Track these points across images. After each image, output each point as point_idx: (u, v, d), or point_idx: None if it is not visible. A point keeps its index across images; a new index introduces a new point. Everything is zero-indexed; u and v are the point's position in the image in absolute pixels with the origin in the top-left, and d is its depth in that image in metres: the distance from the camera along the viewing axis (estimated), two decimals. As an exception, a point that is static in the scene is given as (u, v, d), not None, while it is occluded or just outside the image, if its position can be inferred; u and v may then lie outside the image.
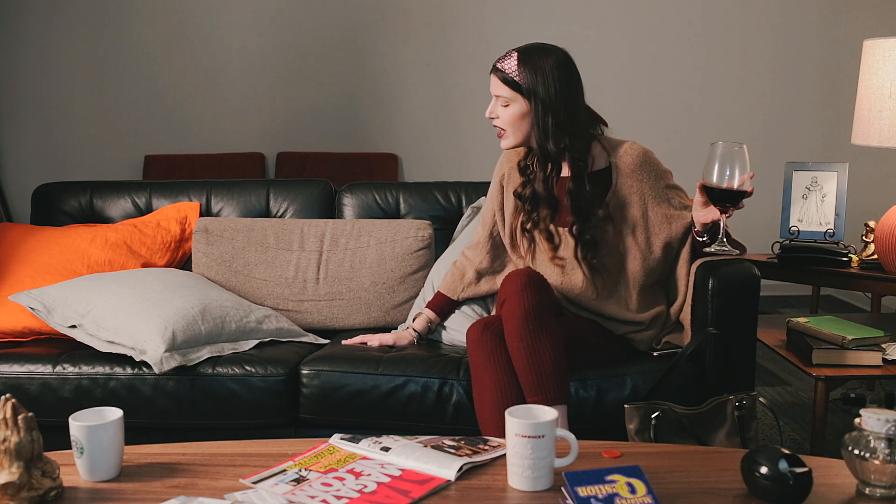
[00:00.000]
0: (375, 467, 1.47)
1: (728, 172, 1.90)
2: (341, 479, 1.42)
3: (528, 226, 2.28)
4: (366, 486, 1.39)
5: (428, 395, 2.21)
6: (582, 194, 2.19)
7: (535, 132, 2.18)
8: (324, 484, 1.40)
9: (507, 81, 2.16)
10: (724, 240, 2.03)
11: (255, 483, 1.41)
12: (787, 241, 2.92)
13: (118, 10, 4.58)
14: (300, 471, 1.45)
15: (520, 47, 2.18)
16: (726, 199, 1.92)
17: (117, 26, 4.60)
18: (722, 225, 2.01)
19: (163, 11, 4.62)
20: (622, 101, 4.62)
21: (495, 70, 2.19)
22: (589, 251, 2.20)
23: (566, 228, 2.25)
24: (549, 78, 2.14)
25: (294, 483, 1.40)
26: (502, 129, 2.20)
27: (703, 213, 2.07)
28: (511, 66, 2.16)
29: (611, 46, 4.72)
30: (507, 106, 2.18)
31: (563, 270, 2.25)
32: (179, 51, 4.64)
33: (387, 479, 1.42)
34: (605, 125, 2.27)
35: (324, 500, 1.34)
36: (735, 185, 1.91)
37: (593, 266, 2.21)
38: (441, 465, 1.45)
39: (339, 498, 1.35)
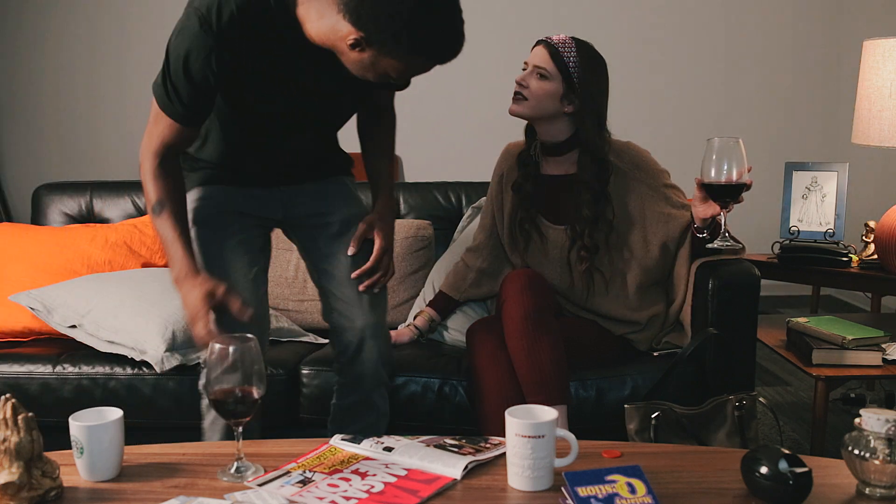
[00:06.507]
0: (380, 467, 1.46)
1: (725, 167, 1.91)
2: (347, 479, 1.41)
3: (526, 225, 2.28)
4: (373, 487, 1.38)
5: (428, 395, 2.21)
6: (592, 193, 2.19)
7: (581, 123, 2.18)
8: (330, 485, 1.39)
9: (558, 60, 2.15)
10: (727, 234, 2.03)
11: (259, 486, 1.40)
12: (787, 241, 2.92)
13: (118, 10, 4.58)
14: (305, 472, 1.44)
15: (573, 36, 2.19)
16: (726, 193, 1.93)
17: (117, 26, 4.59)
18: (723, 221, 2.01)
19: (162, 11, 4.61)
20: (620, 101, 4.59)
21: (546, 44, 2.17)
22: (589, 253, 2.19)
23: (562, 227, 2.25)
24: (598, 80, 2.18)
25: (300, 485, 1.39)
26: (524, 99, 2.18)
27: (703, 209, 2.07)
28: (567, 48, 2.15)
29: (610, 46, 4.67)
30: (544, 79, 2.16)
31: (559, 269, 2.25)
32: (179, 51, 4.63)
33: (393, 479, 1.41)
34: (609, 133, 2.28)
35: (332, 502, 1.33)
36: (734, 179, 1.92)
37: (589, 265, 2.21)
38: (447, 463, 1.44)
39: (347, 499, 1.34)
